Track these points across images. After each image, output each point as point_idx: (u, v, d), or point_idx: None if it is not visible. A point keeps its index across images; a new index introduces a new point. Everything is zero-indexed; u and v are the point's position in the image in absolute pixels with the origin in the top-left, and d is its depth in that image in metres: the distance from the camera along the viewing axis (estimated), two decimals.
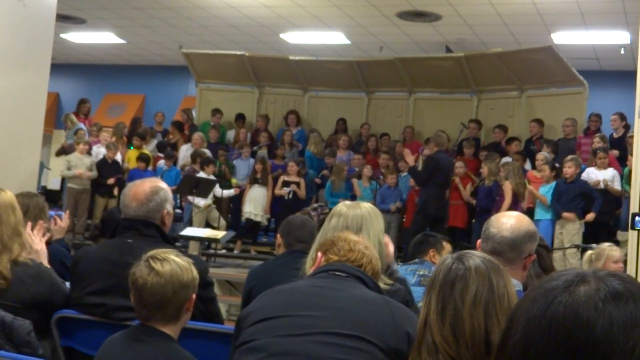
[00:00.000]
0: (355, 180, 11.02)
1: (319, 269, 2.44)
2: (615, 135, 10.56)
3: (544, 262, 3.84)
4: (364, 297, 2.27)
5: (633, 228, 6.74)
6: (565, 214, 8.93)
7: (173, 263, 2.58)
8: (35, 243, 3.52)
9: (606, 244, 5.27)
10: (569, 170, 9.12)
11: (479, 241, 2.83)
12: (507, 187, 9.44)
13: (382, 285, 3.14)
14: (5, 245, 3.17)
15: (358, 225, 3.07)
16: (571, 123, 10.90)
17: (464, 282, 1.98)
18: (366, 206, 3.20)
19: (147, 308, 2.57)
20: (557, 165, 9.73)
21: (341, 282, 2.33)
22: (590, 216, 8.96)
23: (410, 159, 9.74)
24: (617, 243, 9.80)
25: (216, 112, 13.45)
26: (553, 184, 9.30)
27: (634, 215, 6.72)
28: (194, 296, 2.63)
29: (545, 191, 9.33)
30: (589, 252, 5.19)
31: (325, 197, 10.98)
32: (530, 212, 9.11)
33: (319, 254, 2.54)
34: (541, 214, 9.30)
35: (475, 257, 2.05)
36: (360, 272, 2.42)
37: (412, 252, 4.66)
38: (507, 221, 2.76)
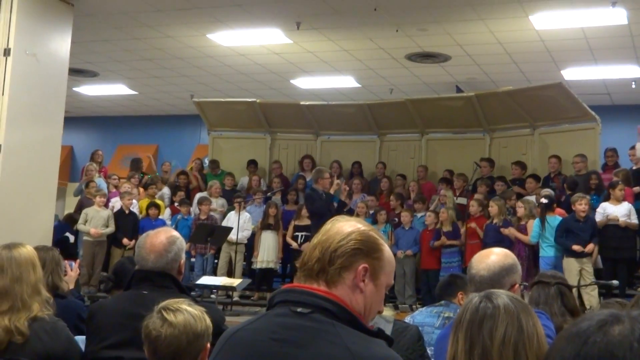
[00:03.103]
0: None
1: (279, 297, 1.90)
2: (634, 168, 10.49)
3: (567, 300, 3.79)
4: None
5: None
6: (575, 247, 8.90)
7: (186, 313, 2.55)
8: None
9: None
10: (580, 207, 9.06)
11: None
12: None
13: (386, 313, 3.03)
14: (25, 303, 3.09)
15: None
16: (581, 159, 10.85)
17: (493, 321, 1.94)
18: None
19: None
20: (543, 200, 9.55)
21: (303, 332, 1.78)
22: (590, 247, 8.95)
23: None
24: (638, 278, 9.71)
25: (213, 163, 13.72)
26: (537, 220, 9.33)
27: None
28: (208, 345, 2.59)
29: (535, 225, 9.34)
30: None
31: None
32: None
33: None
34: (547, 250, 9.22)
35: (504, 296, 2.03)
36: (326, 299, 1.82)
37: (440, 294, 4.54)
38: (483, 260, 2.95)
